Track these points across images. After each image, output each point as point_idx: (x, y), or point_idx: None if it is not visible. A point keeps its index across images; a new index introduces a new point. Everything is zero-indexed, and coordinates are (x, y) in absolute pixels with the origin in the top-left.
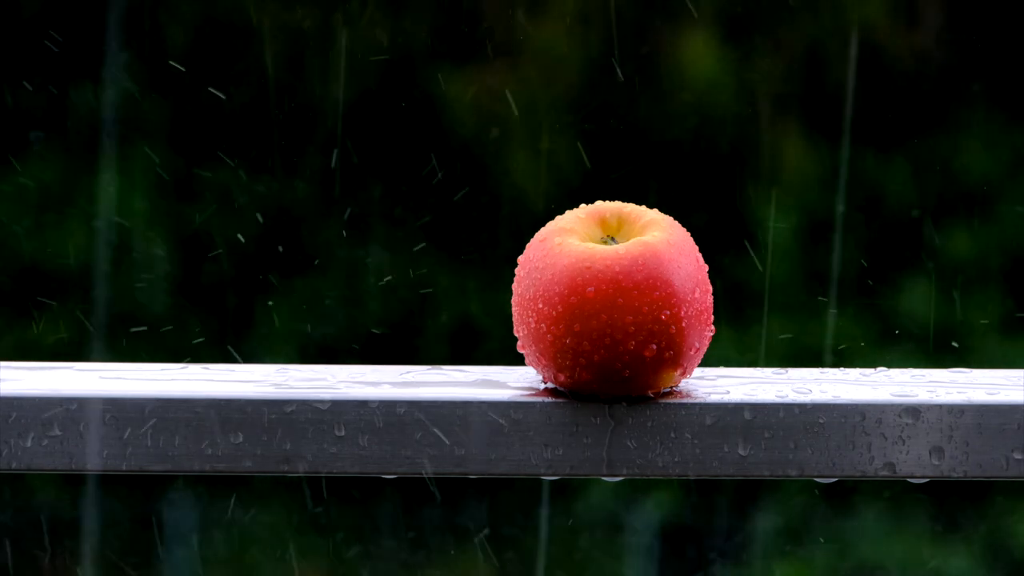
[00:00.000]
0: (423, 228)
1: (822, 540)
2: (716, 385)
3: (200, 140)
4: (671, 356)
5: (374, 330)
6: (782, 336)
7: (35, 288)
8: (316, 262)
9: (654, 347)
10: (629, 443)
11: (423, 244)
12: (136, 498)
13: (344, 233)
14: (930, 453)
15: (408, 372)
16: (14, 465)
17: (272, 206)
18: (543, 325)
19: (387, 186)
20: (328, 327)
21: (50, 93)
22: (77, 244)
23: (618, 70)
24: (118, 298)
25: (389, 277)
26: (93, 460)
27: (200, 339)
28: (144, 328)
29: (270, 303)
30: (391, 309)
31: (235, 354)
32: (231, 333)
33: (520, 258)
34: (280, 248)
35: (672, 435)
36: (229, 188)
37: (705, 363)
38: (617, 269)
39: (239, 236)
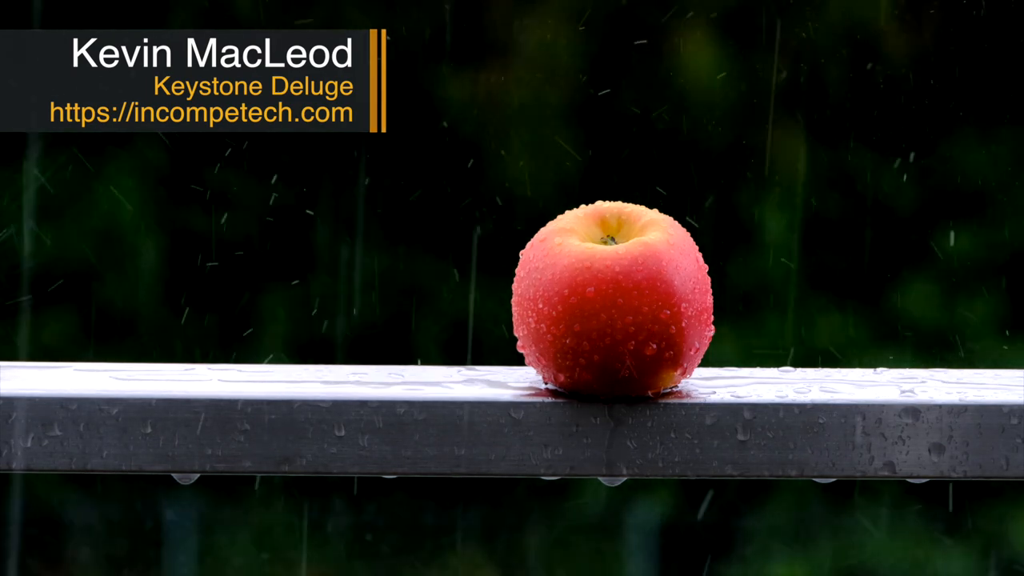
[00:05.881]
0: (422, 228)
1: (822, 540)
2: (716, 385)
3: (198, 140)
4: (671, 356)
5: (373, 330)
6: (781, 336)
7: (35, 288)
8: (315, 262)
9: (654, 347)
10: (629, 443)
11: (422, 244)
12: (136, 498)
13: (342, 233)
14: (930, 453)
15: (407, 372)
16: (14, 465)
17: (270, 206)
18: (543, 325)
19: (387, 185)
20: (327, 327)
21: None
22: (76, 244)
23: (617, 69)
24: (117, 298)
25: (389, 277)
26: (93, 460)
27: (199, 339)
28: (143, 328)
29: (269, 303)
30: (390, 309)
31: (234, 354)
32: (230, 333)
33: (520, 258)
34: (279, 248)
35: (672, 435)
36: (227, 188)
37: (705, 363)
38: (617, 269)
39: (238, 236)
